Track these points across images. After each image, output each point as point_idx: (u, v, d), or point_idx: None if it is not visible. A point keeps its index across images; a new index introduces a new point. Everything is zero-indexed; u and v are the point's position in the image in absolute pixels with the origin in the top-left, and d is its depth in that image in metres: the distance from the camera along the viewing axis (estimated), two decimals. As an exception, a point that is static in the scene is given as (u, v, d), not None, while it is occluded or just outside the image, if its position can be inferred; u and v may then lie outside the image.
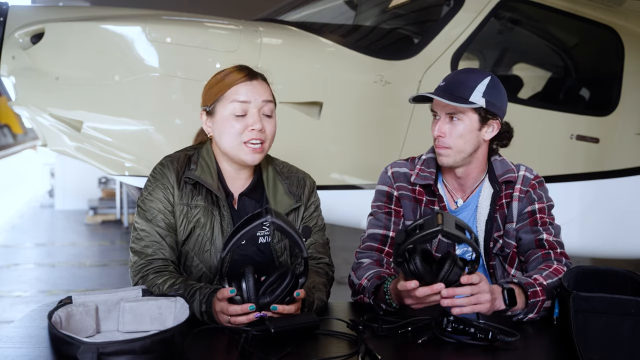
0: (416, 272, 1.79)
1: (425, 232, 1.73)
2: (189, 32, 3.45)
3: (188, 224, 2.00)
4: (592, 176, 3.93)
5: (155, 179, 2.03)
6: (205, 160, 2.04)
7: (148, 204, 2.01)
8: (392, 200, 2.20)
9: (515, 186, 2.16)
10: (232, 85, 2.00)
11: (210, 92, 2.04)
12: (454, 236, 1.75)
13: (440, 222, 1.72)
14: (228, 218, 2.00)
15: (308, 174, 2.17)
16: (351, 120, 3.64)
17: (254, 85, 2.01)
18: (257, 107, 2.00)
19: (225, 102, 2.00)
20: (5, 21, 3.32)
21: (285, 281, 1.78)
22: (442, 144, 2.10)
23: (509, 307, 1.87)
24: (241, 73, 2.03)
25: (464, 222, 1.80)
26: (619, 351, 1.67)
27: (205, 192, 2.01)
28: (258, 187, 2.08)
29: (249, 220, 1.76)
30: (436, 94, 2.07)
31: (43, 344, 1.65)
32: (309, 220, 2.12)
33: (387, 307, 1.94)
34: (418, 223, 1.76)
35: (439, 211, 1.77)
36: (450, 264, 1.78)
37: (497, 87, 2.10)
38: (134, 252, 2.01)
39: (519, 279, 1.94)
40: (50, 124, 3.43)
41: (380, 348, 1.65)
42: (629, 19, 4.00)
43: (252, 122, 1.98)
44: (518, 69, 4.94)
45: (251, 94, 1.99)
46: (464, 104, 2.05)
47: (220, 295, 1.78)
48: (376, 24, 4.27)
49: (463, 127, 2.08)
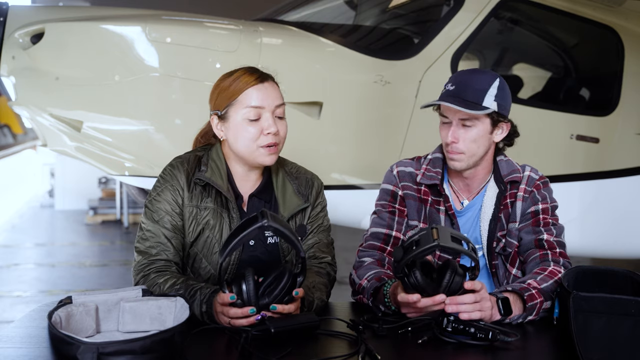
0: (417, 285, 1.79)
1: (422, 248, 1.74)
2: (189, 32, 3.45)
3: (197, 226, 2.00)
4: (592, 176, 3.92)
5: (165, 180, 2.03)
6: (215, 162, 2.04)
7: (156, 204, 2.01)
8: (397, 199, 2.19)
9: (520, 186, 2.16)
10: (244, 90, 1.99)
11: (221, 96, 2.03)
12: (452, 249, 1.75)
13: (436, 237, 1.72)
14: (237, 220, 2.00)
15: (316, 175, 2.18)
16: (351, 120, 3.64)
17: (266, 88, 2.01)
18: (270, 111, 2.00)
19: (239, 107, 1.99)
20: (5, 21, 3.32)
21: (282, 281, 1.78)
22: (455, 150, 2.08)
23: (504, 316, 1.87)
24: (252, 76, 2.02)
25: (459, 233, 1.80)
26: (619, 351, 1.67)
27: (215, 193, 2.01)
28: (267, 188, 2.09)
29: (244, 225, 1.75)
30: (450, 101, 2.03)
31: (43, 344, 1.65)
32: (315, 220, 2.12)
33: (385, 309, 1.94)
34: (414, 239, 1.76)
35: (434, 226, 1.77)
36: (451, 274, 1.78)
37: (505, 89, 2.09)
38: (138, 252, 2.01)
39: (512, 287, 1.93)
40: (50, 124, 3.43)
41: (380, 348, 1.65)
42: (629, 19, 4.00)
43: (267, 126, 1.99)
44: (518, 69, 4.94)
45: (264, 98, 1.99)
46: (479, 111, 2.03)
47: (220, 300, 1.78)
48: (376, 24, 4.27)
49: (476, 132, 2.07)
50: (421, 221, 2.16)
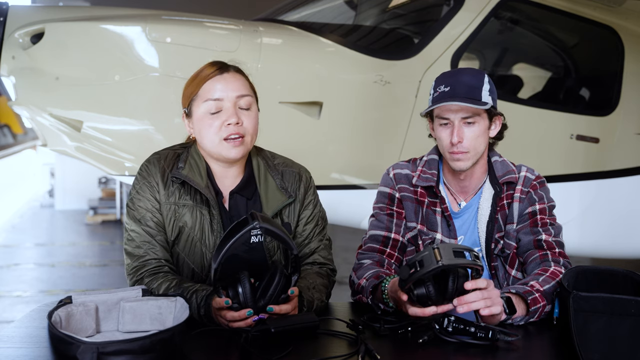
0: (422, 299, 1.79)
1: (426, 271, 1.73)
2: (188, 32, 3.45)
3: (176, 224, 1.97)
4: (592, 176, 3.92)
5: (142, 177, 2.00)
6: (195, 159, 2.01)
7: (136, 203, 1.99)
8: (394, 201, 2.19)
9: (517, 187, 2.16)
10: (204, 82, 1.96)
11: (185, 92, 2.01)
12: (455, 266, 1.75)
13: (439, 257, 1.72)
14: (218, 217, 1.97)
15: (304, 167, 2.13)
16: (351, 120, 3.64)
17: (226, 79, 1.97)
18: (231, 102, 1.96)
19: (199, 101, 1.97)
20: (5, 21, 3.31)
21: (274, 281, 1.77)
22: (460, 149, 2.07)
23: (509, 315, 1.86)
24: (212, 68, 1.98)
25: (460, 245, 1.79)
26: (619, 351, 1.67)
27: (194, 191, 1.98)
28: (249, 184, 2.04)
29: (235, 229, 1.74)
30: (456, 100, 2.03)
31: (43, 344, 1.65)
32: (311, 220, 2.09)
33: (385, 307, 1.94)
34: (417, 260, 1.75)
35: (435, 246, 1.75)
36: (454, 279, 1.78)
37: (492, 83, 2.11)
38: (127, 254, 1.99)
39: (516, 289, 1.93)
40: (50, 124, 3.43)
41: (380, 348, 1.65)
42: (629, 19, 4.00)
43: (226, 117, 1.95)
44: (518, 69, 4.94)
45: (224, 90, 1.95)
46: (483, 106, 2.04)
47: (216, 305, 1.77)
48: (376, 24, 4.27)
49: (479, 128, 2.08)
50: (419, 222, 2.16)
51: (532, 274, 2.04)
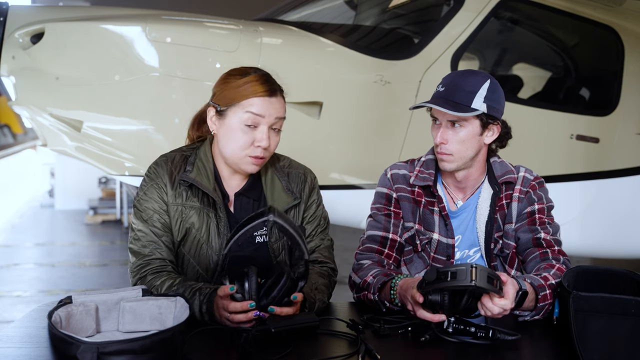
0: (436, 305, 1.78)
1: (457, 284, 1.72)
2: (189, 32, 3.45)
3: (183, 225, 1.99)
4: (592, 176, 3.93)
5: (150, 179, 2.02)
6: (202, 162, 2.02)
7: (144, 204, 2.00)
8: (392, 202, 2.19)
9: (515, 187, 2.16)
10: (250, 97, 1.96)
11: (226, 93, 1.99)
12: (484, 289, 1.73)
13: (474, 277, 1.70)
14: (224, 220, 1.99)
15: (309, 169, 2.15)
16: (351, 120, 3.64)
17: (272, 102, 1.98)
18: (268, 124, 1.97)
19: (239, 110, 1.96)
20: (5, 21, 3.32)
21: (279, 283, 1.77)
22: (444, 151, 2.08)
23: (516, 307, 1.85)
24: (262, 87, 1.98)
25: (494, 272, 1.76)
26: (619, 351, 1.67)
27: (202, 193, 2.00)
28: (256, 185, 2.06)
29: (251, 218, 1.75)
30: (437, 103, 2.03)
31: (43, 344, 1.65)
32: (313, 220, 2.10)
33: (390, 305, 1.94)
34: (451, 270, 1.73)
35: (475, 265, 1.72)
36: (468, 298, 1.77)
37: (497, 90, 2.08)
38: (132, 253, 2.01)
39: (532, 280, 1.92)
40: (50, 124, 3.43)
41: (380, 348, 1.65)
42: (629, 19, 4.00)
43: (260, 138, 1.96)
44: (518, 69, 4.94)
45: (267, 109, 1.96)
46: (467, 113, 2.03)
47: (221, 292, 1.78)
48: (376, 24, 4.27)
49: (465, 133, 2.07)
50: (416, 222, 2.17)
51: (544, 267, 2.02)
